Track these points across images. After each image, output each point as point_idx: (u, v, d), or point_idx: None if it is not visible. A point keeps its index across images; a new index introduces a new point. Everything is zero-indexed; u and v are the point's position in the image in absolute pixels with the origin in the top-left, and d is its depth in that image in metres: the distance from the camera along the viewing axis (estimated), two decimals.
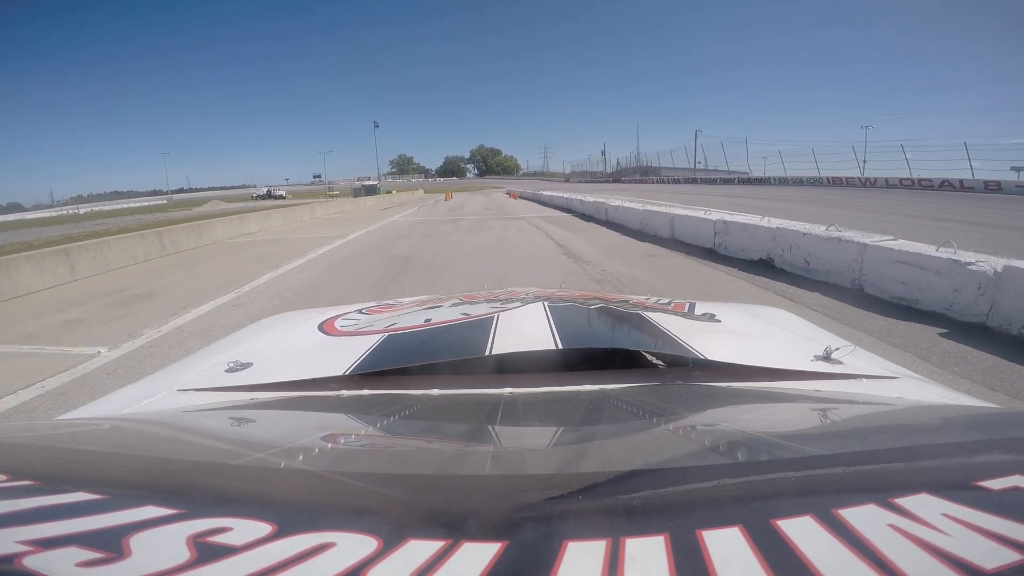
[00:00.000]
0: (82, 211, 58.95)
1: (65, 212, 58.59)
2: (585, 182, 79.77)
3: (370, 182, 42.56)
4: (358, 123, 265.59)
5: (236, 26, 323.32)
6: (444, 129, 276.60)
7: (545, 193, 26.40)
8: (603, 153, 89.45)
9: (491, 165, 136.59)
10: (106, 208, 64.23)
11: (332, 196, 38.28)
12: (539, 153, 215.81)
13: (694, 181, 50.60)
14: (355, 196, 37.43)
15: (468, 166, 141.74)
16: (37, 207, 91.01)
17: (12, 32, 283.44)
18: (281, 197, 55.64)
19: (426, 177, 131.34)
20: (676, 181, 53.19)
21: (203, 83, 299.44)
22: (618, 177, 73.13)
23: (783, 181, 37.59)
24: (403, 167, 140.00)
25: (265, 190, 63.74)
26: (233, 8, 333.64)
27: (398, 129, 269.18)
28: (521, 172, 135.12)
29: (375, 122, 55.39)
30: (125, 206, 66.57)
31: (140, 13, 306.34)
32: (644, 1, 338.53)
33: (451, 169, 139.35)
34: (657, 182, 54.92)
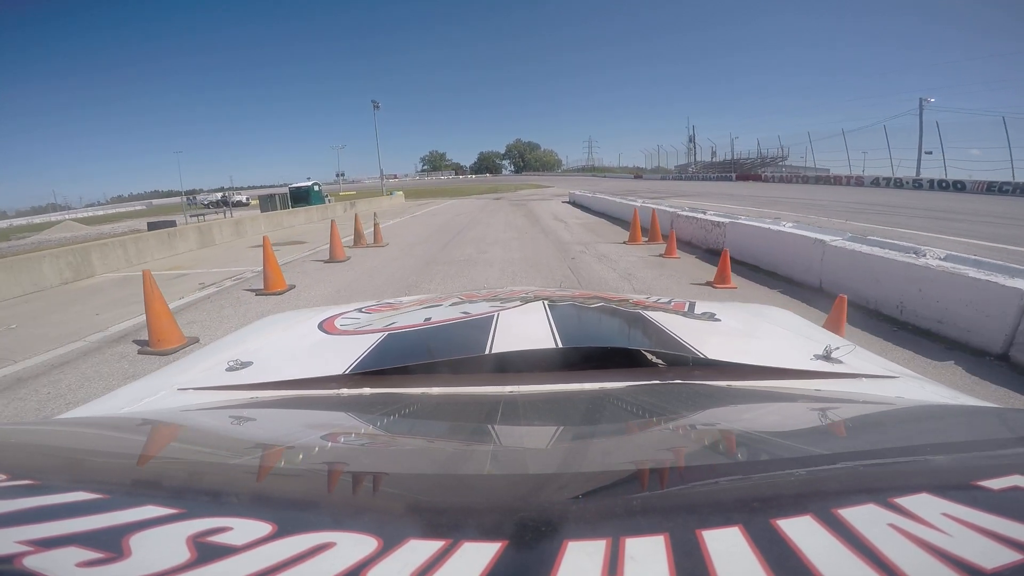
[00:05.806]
0: None
1: None
2: (672, 178, 57.11)
3: (305, 183, 24.48)
4: (393, 122, 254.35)
5: (281, 30, 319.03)
6: (480, 127, 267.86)
7: None
8: (691, 139, 63.42)
9: (529, 160, 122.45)
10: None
11: (200, 215, 19.93)
12: (581, 147, 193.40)
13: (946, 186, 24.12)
14: (262, 211, 18.39)
15: (504, 162, 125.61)
16: (91, 205, 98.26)
17: (59, 44, 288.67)
18: (242, 205, 36.75)
19: (457, 174, 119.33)
20: (913, 184, 25.99)
21: (242, 83, 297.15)
22: (747, 171, 45.39)
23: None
24: (435, 163, 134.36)
25: (219, 196, 44.20)
26: (285, 12, 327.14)
27: (433, 128, 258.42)
28: (563, 168, 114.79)
29: (374, 102, 41.49)
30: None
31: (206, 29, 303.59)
32: None
33: (486, 166, 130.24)
34: (902, 185, 27.16)
